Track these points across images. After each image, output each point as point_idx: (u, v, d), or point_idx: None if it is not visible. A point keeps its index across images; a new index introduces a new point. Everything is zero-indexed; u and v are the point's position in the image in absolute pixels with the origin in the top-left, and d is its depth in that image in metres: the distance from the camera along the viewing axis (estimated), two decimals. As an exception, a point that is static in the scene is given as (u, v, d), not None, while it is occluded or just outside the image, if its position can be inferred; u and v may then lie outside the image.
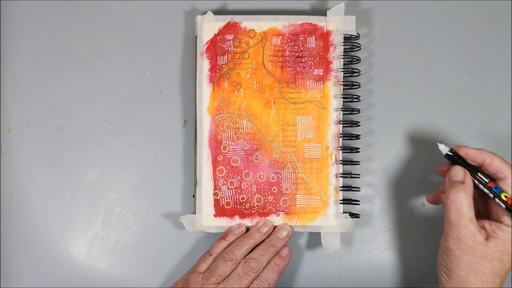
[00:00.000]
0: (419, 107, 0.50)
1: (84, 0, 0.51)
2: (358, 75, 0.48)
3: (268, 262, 0.44)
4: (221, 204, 0.47)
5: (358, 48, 0.48)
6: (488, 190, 0.40)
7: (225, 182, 0.48)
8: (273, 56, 0.48)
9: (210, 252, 0.45)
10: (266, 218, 0.47)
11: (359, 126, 0.48)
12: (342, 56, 0.48)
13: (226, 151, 0.48)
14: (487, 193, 0.40)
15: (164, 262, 0.50)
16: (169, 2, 0.51)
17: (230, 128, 0.48)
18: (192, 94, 0.50)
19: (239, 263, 0.43)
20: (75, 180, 0.50)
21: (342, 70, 0.48)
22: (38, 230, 0.50)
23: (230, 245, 0.45)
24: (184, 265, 0.50)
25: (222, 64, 0.48)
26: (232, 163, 0.48)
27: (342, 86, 0.48)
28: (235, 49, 0.48)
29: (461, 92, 0.50)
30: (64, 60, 0.50)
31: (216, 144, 0.48)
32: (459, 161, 0.41)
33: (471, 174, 0.40)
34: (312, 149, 0.48)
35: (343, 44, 0.48)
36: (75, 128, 0.50)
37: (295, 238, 0.50)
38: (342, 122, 0.48)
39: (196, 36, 0.48)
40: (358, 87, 0.48)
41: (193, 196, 0.49)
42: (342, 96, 0.48)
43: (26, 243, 0.50)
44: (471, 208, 0.39)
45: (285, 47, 0.48)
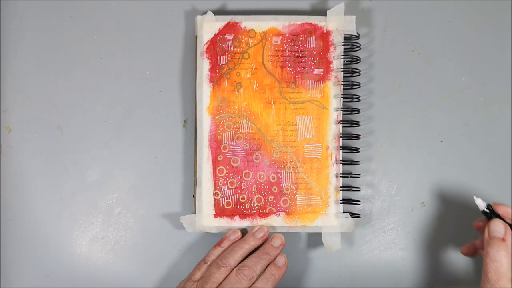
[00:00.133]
0: (419, 107, 0.50)
1: (84, 0, 0.51)
2: (358, 75, 0.48)
3: (264, 272, 0.43)
4: (221, 204, 0.47)
5: (358, 48, 0.48)
6: None
7: (225, 182, 0.48)
8: (273, 56, 0.48)
9: (205, 259, 0.44)
10: (266, 218, 0.47)
11: (359, 126, 0.48)
12: (342, 56, 0.48)
13: (226, 151, 0.48)
14: None
15: (164, 262, 0.50)
16: (169, 2, 0.51)
17: (230, 128, 0.48)
18: (192, 94, 0.50)
19: (233, 269, 0.42)
20: (75, 180, 0.50)
21: (342, 70, 0.48)
22: (38, 230, 0.50)
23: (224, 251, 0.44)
24: (184, 265, 0.50)
25: (222, 64, 0.48)
26: (232, 163, 0.48)
27: (342, 86, 0.48)
28: (235, 49, 0.48)
29: (461, 92, 0.50)
30: (64, 60, 0.50)
31: (216, 144, 0.48)
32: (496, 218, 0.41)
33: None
34: (312, 149, 0.48)
35: (343, 44, 0.48)
36: (75, 128, 0.50)
37: (295, 238, 0.50)
38: (342, 122, 0.48)
39: (196, 36, 0.48)
40: (358, 87, 0.48)
41: (193, 196, 0.49)
42: (342, 96, 0.48)
43: (26, 243, 0.50)
44: (510, 267, 0.38)
45: (285, 47, 0.48)
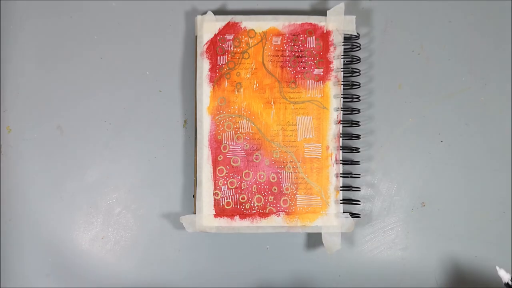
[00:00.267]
0: (419, 107, 0.50)
1: (84, 0, 0.51)
2: (358, 75, 0.48)
3: None
4: (221, 204, 0.47)
5: (358, 48, 0.48)
6: None
7: (225, 182, 0.48)
8: (273, 56, 0.48)
9: None
10: (266, 218, 0.47)
11: (359, 126, 0.48)
12: (342, 56, 0.48)
13: (226, 151, 0.48)
14: None
15: (164, 262, 0.50)
16: (169, 2, 0.51)
17: (230, 128, 0.48)
18: (192, 94, 0.50)
19: None
20: (75, 180, 0.50)
21: (342, 70, 0.48)
22: (38, 230, 0.50)
23: None
24: (184, 265, 0.50)
25: (222, 64, 0.48)
26: (232, 163, 0.48)
27: (342, 86, 0.48)
28: (235, 49, 0.48)
29: (461, 92, 0.50)
30: (64, 60, 0.50)
31: (216, 144, 0.48)
32: None
33: None
34: (312, 149, 0.48)
35: (343, 44, 0.48)
36: (75, 128, 0.50)
37: (295, 238, 0.50)
38: (342, 122, 0.48)
39: (196, 36, 0.48)
40: (358, 87, 0.48)
41: (193, 196, 0.49)
42: (342, 96, 0.48)
43: (26, 243, 0.50)
44: None
45: (285, 47, 0.48)
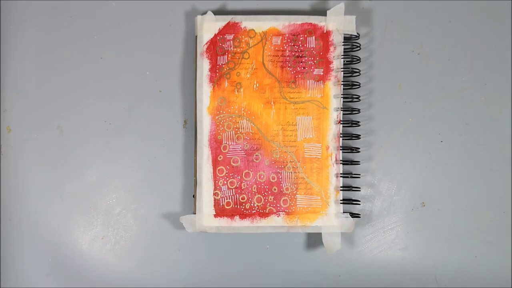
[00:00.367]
0: (419, 107, 0.50)
1: (84, 0, 0.51)
2: (358, 75, 0.48)
3: None
4: (221, 204, 0.47)
5: (358, 48, 0.48)
6: None
7: (225, 182, 0.48)
8: (273, 56, 0.48)
9: None
10: (266, 218, 0.47)
11: (359, 126, 0.48)
12: (342, 56, 0.48)
13: (226, 151, 0.48)
14: None
15: (164, 262, 0.50)
16: (169, 2, 0.50)
17: (230, 128, 0.48)
18: (192, 94, 0.50)
19: None
20: (75, 180, 0.50)
21: (342, 70, 0.48)
22: (38, 230, 0.50)
23: None
24: (184, 265, 0.50)
25: (222, 64, 0.48)
26: (232, 163, 0.48)
27: (342, 86, 0.48)
28: (235, 49, 0.48)
29: (461, 92, 0.50)
30: (64, 60, 0.50)
31: (216, 144, 0.48)
32: None
33: None
34: (312, 149, 0.48)
35: (343, 44, 0.48)
36: (75, 128, 0.50)
37: (295, 238, 0.50)
38: (342, 122, 0.48)
39: (196, 36, 0.48)
40: (358, 87, 0.48)
41: (193, 196, 0.49)
42: (342, 96, 0.48)
43: (26, 243, 0.50)
44: None
45: (285, 47, 0.48)
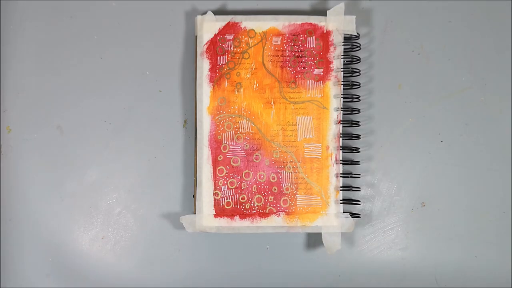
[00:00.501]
0: (419, 107, 0.50)
1: (84, 0, 0.51)
2: (358, 75, 0.48)
3: None
4: (221, 204, 0.47)
5: (358, 48, 0.48)
6: None
7: (225, 182, 0.48)
8: (273, 56, 0.48)
9: None
10: (266, 218, 0.47)
11: (359, 126, 0.48)
12: (342, 56, 0.48)
13: (226, 151, 0.48)
14: None
15: (164, 262, 0.50)
16: (169, 2, 0.50)
17: (230, 128, 0.48)
18: (192, 94, 0.50)
19: None
20: (75, 180, 0.50)
21: (342, 70, 0.48)
22: (38, 230, 0.50)
23: None
24: (184, 265, 0.50)
25: (222, 64, 0.48)
26: (232, 163, 0.48)
27: (342, 86, 0.48)
28: (235, 49, 0.48)
29: (461, 92, 0.50)
30: (64, 60, 0.50)
31: (216, 144, 0.48)
32: None
33: None
34: (312, 149, 0.48)
35: (343, 44, 0.48)
36: (75, 128, 0.50)
37: (295, 238, 0.50)
38: (342, 122, 0.48)
39: (196, 36, 0.48)
40: (358, 87, 0.48)
41: (193, 196, 0.49)
42: (342, 96, 0.48)
43: (26, 243, 0.50)
44: None
45: (285, 47, 0.48)
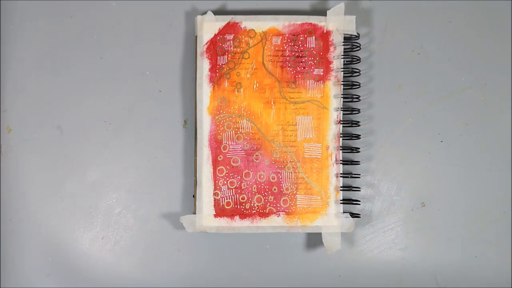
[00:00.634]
0: (419, 107, 0.50)
1: (84, 0, 0.51)
2: (358, 75, 0.48)
3: None
4: (221, 204, 0.47)
5: (358, 48, 0.48)
6: None
7: (225, 182, 0.48)
8: (273, 56, 0.48)
9: None
10: (266, 218, 0.47)
11: (359, 126, 0.48)
12: (342, 56, 0.48)
13: (226, 151, 0.48)
14: None
15: (164, 262, 0.50)
16: (169, 2, 0.50)
17: (230, 128, 0.48)
18: (192, 94, 0.50)
19: None
20: (75, 180, 0.50)
21: (342, 70, 0.48)
22: (38, 230, 0.50)
23: None
24: (184, 265, 0.50)
25: (222, 64, 0.48)
26: (232, 163, 0.48)
27: (342, 86, 0.48)
28: (235, 49, 0.48)
29: (461, 92, 0.50)
30: (64, 60, 0.50)
31: (216, 144, 0.48)
32: None
33: None
34: (312, 149, 0.48)
35: (343, 44, 0.48)
36: (75, 128, 0.50)
37: (295, 238, 0.50)
38: (342, 122, 0.48)
39: (196, 36, 0.48)
40: (358, 87, 0.48)
41: (193, 196, 0.49)
42: (342, 96, 0.48)
43: (26, 243, 0.50)
44: None
45: (285, 47, 0.48)
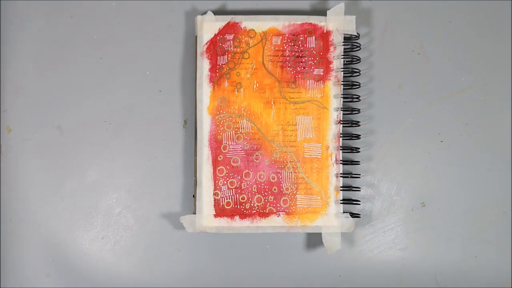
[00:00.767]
0: (419, 107, 0.50)
1: (84, 0, 0.51)
2: (358, 75, 0.48)
3: None
4: (221, 204, 0.47)
5: (358, 48, 0.48)
6: None
7: (225, 182, 0.48)
8: (273, 56, 0.48)
9: None
10: (266, 218, 0.47)
11: (359, 126, 0.48)
12: (342, 56, 0.48)
13: (226, 151, 0.48)
14: None
15: (164, 262, 0.50)
16: (169, 2, 0.50)
17: (230, 128, 0.48)
18: (192, 94, 0.50)
19: None
20: (75, 180, 0.50)
21: (342, 70, 0.48)
22: (38, 230, 0.50)
23: None
24: (184, 265, 0.50)
25: (222, 64, 0.48)
26: (232, 163, 0.48)
27: (342, 86, 0.48)
28: (235, 49, 0.48)
29: (461, 92, 0.50)
30: (64, 60, 0.50)
31: (216, 144, 0.48)
32: None
33: None
34: (312, 149, 0.48)
35: (343, 44, 0.48)
36: (75, 128, 0.50)
37: (295, 238, 0.50)
38: (342, 122, 0.48)
39: (196, 36, 0.48)
40: (358, 87, 0.48)
41: (193, 196, 0.49)
42: (342, 96, 0.48)
43: (26, 243, 0.50)
44: None
45: (285, 47, 0.48)
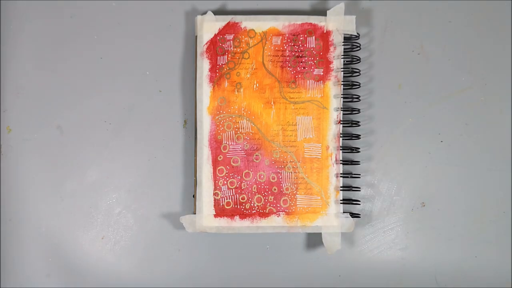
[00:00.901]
0: (419, 107, 0.50)
1: (84, 0, 0.51)
2: (358, 75, 0.48)
3: None
4: (221, 204, 0.47)
5: (358, 48, 0.48)
6: None
7: (225, 182, 0.48)
8: (273, 56, 0.48)
9: None
10: (266, 218, 0.47)
11: (359, 126, 0.48)
12: (342, 56, 0.48)
13: (226, 151, 0.48)
14: None
15: (164, 262, 0.50)
16: (169, 2, 0.50)
17: (230, 128, 0.48)
18: (192, 94, 0.50)
19: None
20: (75, 180, 0.50)
21: (342, 70, 0.48)
22: (38, 230, 0.50)
23: None
24: (184, 265, 0.50)
25: (222, 64, 0.48)
26: (232, 163, 0.48)
27: (342, 86, 0.48)
28: (235, 49, 0.48)
29: (461, 92, 0.50)
30: (64, 60, 0.50)
31: (216, 144, 0.48)
32: None
33: None
34: (312, 149, 0.48)
35: (343, 44, 0.48)
36: (75, 128, 0.50)
37: (295, 238, 0.50)
38: (342, 122, 0.48)
39: (196, 36, 0.48)
40: (358, 87, 0.48)
41: (193, 196, 0.49)
42: (342, 96, 0.48)
43: (26, 243, 0.50)
44: None
45: (285, 47, 0.48)
